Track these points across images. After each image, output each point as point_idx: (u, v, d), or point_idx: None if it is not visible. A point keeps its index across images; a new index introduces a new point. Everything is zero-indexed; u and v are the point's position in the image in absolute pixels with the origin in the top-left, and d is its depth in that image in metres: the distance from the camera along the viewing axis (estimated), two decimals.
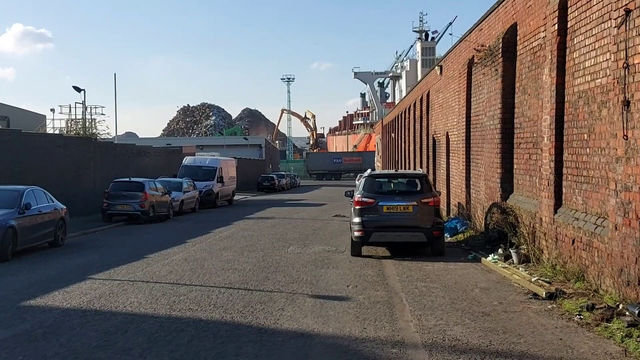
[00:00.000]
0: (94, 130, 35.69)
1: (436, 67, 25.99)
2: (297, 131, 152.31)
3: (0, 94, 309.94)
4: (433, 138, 27.89)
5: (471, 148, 18.98)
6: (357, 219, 14.34)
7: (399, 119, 47.44)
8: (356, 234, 14.29)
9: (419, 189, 14.59)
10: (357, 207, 14.39)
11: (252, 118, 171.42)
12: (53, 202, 17.39)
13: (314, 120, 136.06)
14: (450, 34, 19.30)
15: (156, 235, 20.37)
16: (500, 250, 13.06)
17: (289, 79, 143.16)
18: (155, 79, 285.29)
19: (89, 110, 48.18)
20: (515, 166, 14.23)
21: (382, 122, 72.14)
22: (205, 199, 33.73)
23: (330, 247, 16.57)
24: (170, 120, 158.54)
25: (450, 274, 12.07)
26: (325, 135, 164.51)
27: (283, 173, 70.22)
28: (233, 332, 7.92)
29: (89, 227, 21.94)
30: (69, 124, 48.34)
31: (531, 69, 13.08)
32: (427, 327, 8.13)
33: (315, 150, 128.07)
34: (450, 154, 23.25)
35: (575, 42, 10.41)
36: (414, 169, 30.06)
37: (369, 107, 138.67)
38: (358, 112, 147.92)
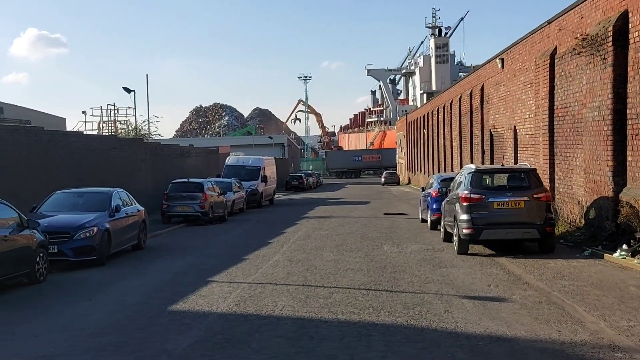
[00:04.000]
0: (145, 132, 35.34)
1: (497, 60, 25.46)
2: (307, 130, 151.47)
3: (14, 97, 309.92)
4: (491, 132, 27.38)
5: (556, 141, 18.48)
6: (465, 216, 13.85)
7: (434, 115, 46.91)
8: (465, 231, 13.80)
9: (528, 183, 14.09)
10: (465, 204, 13.89)
11: (263, 117, 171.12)
12: (135, 204, 16.99)
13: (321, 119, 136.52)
14: (548, 23, 18.73)
15: (229, 236, 19.94)
16: (625, 246, 12.58)
17: (305, 77, 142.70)
18: (167, 81, 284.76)
19: (118, 111, 48.11)
20: (629, 158, 13.72)
21: (406, 118, 71.50)
22: (250, 199, 33.18)
23: (423, 245, 16.10)
24: (183, 121, 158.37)
25: (584, 272, 11.58)
26: (337, 134, 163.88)
27: (309, 172, 69.80)
28: (424, 337, 7.49)
29: (155, 230, 21.52)
30: (101, 126, 48.27)
31: None
32: (623, 328, 7.68)
33: (334, 149, 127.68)
34: (520, 148, 22.74)
35: None
36: (470, 164, 29.44)
37: (381, 104, 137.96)
38: (370, 109, 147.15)
